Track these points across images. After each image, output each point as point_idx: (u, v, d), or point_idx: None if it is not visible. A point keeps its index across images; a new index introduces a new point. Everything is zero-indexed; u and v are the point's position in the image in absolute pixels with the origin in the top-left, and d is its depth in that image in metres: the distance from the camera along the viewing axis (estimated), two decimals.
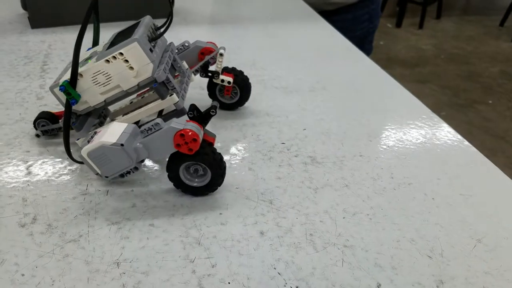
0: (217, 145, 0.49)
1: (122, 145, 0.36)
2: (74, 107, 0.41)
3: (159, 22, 0.45)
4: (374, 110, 0.58)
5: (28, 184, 0.41)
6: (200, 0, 0.96)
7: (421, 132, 0.53)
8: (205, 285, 0.33)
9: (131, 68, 0.39)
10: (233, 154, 0.47)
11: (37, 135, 0.46)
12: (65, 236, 0.36)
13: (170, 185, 0.42)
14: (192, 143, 0.36)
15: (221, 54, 0.49)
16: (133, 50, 0.38)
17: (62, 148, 0.45)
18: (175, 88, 0.42)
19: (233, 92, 0.54)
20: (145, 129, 0.37)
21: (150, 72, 0.40)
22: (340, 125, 0.54)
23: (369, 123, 0.54)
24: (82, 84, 0.40)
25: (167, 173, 0.40)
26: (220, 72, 0.51)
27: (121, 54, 0.39)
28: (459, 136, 0.53)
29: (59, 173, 0.42)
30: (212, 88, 0.54)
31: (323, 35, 0.83)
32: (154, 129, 0.37)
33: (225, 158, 0.46)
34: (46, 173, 0.42)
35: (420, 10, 3.23)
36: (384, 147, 0.50)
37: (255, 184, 0.43)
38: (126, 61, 0.39)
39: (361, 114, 0.56)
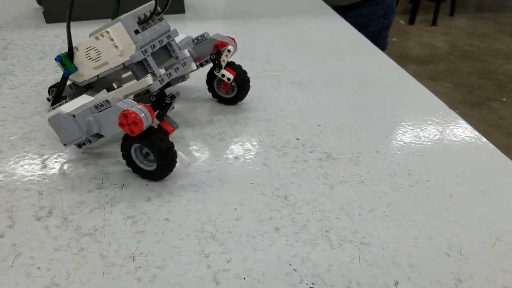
0: (231, 139, 0.48)
1: (74, 116, 0.39)
2: (74, 79, 0.45)
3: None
4: (390, 106, 0.57)
5: (44, 178, 0.41)
6: None
7: (438, 129, 0.52)
8: (220, 280, 0.32)
9: (116, 47, 0.41)
10: (248, 149, 0.47)
11: (48, 99, 0.49)
12: (81, 229, 0.36)
13: (184, 180, 0.42)
14: (133, 125, 0.37)
15: (229, 50, 0.50)
16: (118, 29, 0.41)
17: None
18: (153, 71, 0.43)
19: (230, 88, 0.54)
20: (97, 105, 0.39)
21: (133, 52, 0.41)
22: (355, 121, 0.53)
23: (385, 119, 0.54)
24: (78, 58, 0.44)
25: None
26: (223, 66, 0.51)
27: (107, 32, 0.41)
28: (477, 133, 0.52)
29: (74, 167, 0.43)
30: (211, 78, 0.54)
31: (337, 30, 0.82)
32: (105, 106, 0.39)
33: (240, 153, 0.46)
34: (62, 166, 0.42)
35: (433, 7, 3.20)
36: (401, 143, 0.49)
37: (269, 180, 0.43)
38: (112, 39, 0.41)
39: (377, 110, 0.56)
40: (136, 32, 0.41)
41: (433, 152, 0.48)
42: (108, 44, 0.41)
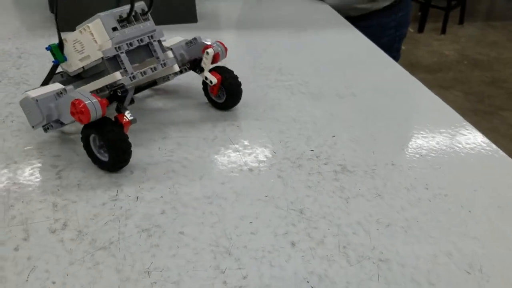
0: (245, 150, 0.48)
1: (36, 100, 0.42)
2: (66, 68, 0.48)
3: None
4: (405, 117, 0.56)
5: (59, 189, 0.41)
6: (226, 5, 0.96)
7: (454, 141, 0.51)
8: None
9: (95, 41, 0.44)
10: (261, 161, 0.47)
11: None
12: (96, 243, 0.35)
13: (199, 192, 0.41)
14: (80, 114, 0.39)
15: (207, 53, 0.51)
16: (97, 25, 0.43)
17: None
18: (125, 67, 0.44)
19: (221, 93, 0.54)
20: (58, 92, 0.42)
21: (109, 46, 0.44)
22: (370, 132, 0.52)
23: (400, 131, 0.53)
24: (67, 49, 0.47)
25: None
26: (204, 69, 0.52)
27: (88, 27, 0.44)
28: (494, 146, 0.51)
29: (89, 178, 0.42)
30: (205, 82, 0.54)
31: (350, 40, 0.81)
32: (63, 94, 0.42)
33: (254, 164, 0.46)
34: (76, 177, 0.42)
35: (442, 15, 3.19)
36: (417, 155, 0.48)
37: (284, 193, 0.42)
38: (92, 34, 0.44)
39: (392, 121, 0.55)
40: (115, 29, 0.44)
41: (450, 165, 0.47)
42: (89, 38, 0.44)
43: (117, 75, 0.44)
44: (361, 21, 0.95)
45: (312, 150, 0.49)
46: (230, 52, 0.57)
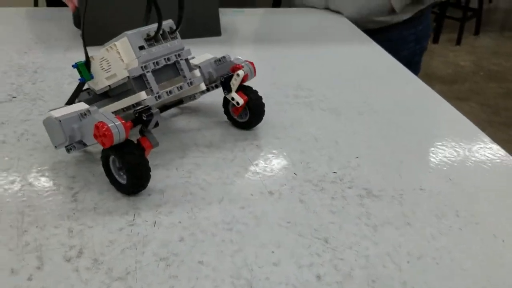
0: (265, 172, 0.46)
1: (60, 121, 0.40)
2: (92, 86, 0.48)
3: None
4: (431, 136, 0.54)
5: (74, 213, 0.39)
6: (244, 20, 0.95)
7: (485, 166, 0.49)
8: None
9: (122, 60, 0.43)
10: (282, 184, 0.45)
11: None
12: (112, 272, 0.34)
13: (217, 217, 0.40)
14: (103, 137, 0.37)
15: (238, 75, 0.50)
16: (124, 44, 0.43)
17: None
18: (150, 87, 0.43)
19: (243, 112, 0.53)
20: (82, 113, 0.41)
21: (136, 65, 0.43)
22: (395, 153, 0.50)
23: (426, 151, 0.51)
24: (94, 67, 0.46)
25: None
26: (232, 89, 0.50)
27: (115, 45, 0.43)
28: None
29: (105, 201, 0.41)
30: (226, 100, 0.53)
31: (368, 53, 0.80)
32: (87, 115, 0.41)
33: (274, 187, 0.44)
34: (92, 200, 0.41)
35: (457, 26, 3.15)
36: (445, 179, 0.46)
37: (307, 219, 0.40)
38: (118, 53, 0.43)
39: (417, 141, 0.53)
40: (142, 48, 0.43)
41: (481, 190, 0.45)
42: (116, 56, 0.43)
43: (143, 95, 0.43)
44: (380, 34, 0.93)
45: (335, 172, 0.47)
46: None
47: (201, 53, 0.54)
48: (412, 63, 0.92)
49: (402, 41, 0.93)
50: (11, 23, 0.84)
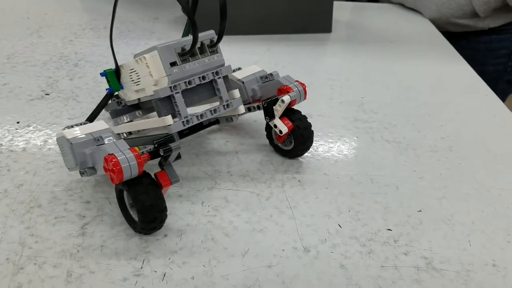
0: (303, 219, 0.39)
1: (71, 144, 0.36)
2: (122, 95, 0.43)
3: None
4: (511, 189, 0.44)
5: (78, 250, 0.35)
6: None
7: None
8: None
9: (151, 75, 0.38)
10: (322, 238, 0.37)
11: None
12: None
13: (238, 277, 0.33)
14: (112, 172, 0.32)
15: (283, 101, 0.42)
16: (154, 58, 0.37)
17: None
18: (178, 110, 0.38)
19: (287, 140, 0.45)
20: (96, 138, 0.36)
21: (165, 85, 0.37)
22: (469, 210, 0.41)
23: (504, 209, 0.41)
24: (123, 77, 0.41)
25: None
26: (275, 116, 0.43)
27: (145, 58, 0.38)
28: None
29: (115, 239, 0.36)
30: (269, 125, 0.45)
31: (452, 70, 0.68)
32: (100, 142, 0.36)
33: (311, 242, 0.37)
34: (102, 235, 0.36)
35: None
36: None
37: None
38: (148, 67, 0.38)
39: (500, 197, 0.43)
40: (173, 64, 0.37)
41: None
42: (145, 70, 0.38)
43: (168, 120, 0.37)
44: (462, 39, 0.80)
45: (389, 229, 0.39)
46: (306, 75, 0.47)
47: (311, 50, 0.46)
48: (501, 82, 0.78)
49: (490, 54, 0.79)
50: (65, 2, 0.81)
